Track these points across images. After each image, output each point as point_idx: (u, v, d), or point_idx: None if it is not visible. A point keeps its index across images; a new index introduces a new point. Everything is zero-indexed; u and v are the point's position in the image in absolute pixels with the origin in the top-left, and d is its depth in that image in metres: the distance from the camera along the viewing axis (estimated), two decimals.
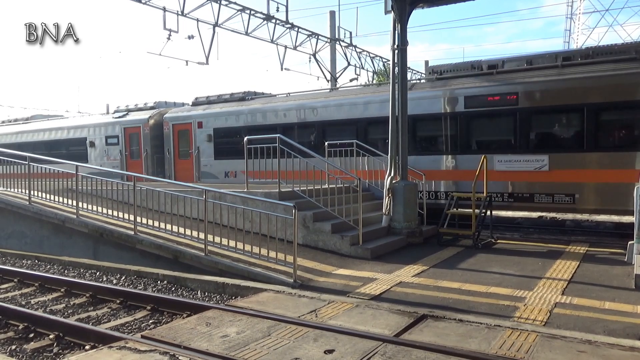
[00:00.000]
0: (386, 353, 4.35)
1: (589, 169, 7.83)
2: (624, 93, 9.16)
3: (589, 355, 4.25)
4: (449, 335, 4.77)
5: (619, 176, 8.01)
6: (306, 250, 8.63)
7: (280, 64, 21.79)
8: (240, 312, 5.62)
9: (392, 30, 9.82)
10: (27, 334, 5.77)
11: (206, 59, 18.19)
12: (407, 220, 9.67)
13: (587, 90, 9.68)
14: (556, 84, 10.22)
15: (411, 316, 5.34)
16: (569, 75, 10.17)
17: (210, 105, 15.67)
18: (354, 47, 24.84)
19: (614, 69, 9.62)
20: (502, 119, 10.87)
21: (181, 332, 5.04)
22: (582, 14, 43.21)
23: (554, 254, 8.49)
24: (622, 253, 8.08)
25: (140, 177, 9.76)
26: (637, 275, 6.40)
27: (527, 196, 10.25)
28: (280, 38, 20.76)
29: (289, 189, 9.27)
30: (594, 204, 9.55)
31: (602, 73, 9.71)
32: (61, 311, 6.70)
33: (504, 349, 4.43)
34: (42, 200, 10.91)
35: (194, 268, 8.12)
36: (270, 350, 4.51)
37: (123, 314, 6.52)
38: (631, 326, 5.04)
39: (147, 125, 16.64)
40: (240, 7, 18.54)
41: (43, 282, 8.10)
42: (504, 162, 10.62)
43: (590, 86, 9.67)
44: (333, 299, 6.09)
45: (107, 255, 9.57)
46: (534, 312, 5.53)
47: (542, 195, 10.02)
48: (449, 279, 7.04)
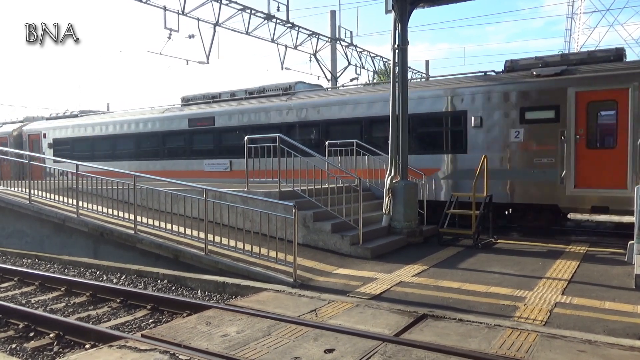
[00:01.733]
0: (386, 352, 4.36)
1: (250, 170, 9.86)
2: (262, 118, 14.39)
3: (589, 355, 4.26)
4: (449, 335, 4.77)
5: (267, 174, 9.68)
6: (306, 250, 8.63)
7: (281, 64, 21.83)
8: (240, 311, 5.62)
9: (392, 30, 9.81)
10: (28, 332, 5.77)
11: (207, 58, 18.23)
12: (407, 219, 9.66)
13: (246, 116, 14.69)
14: (235, 111, 14.90)
15: (411, 316, 5.34)
16: (243, 105, 14.95)
17: (53, 121, 20.52)
18: (354, 46, 24.84)
19: (260, 103, 14.68)
20: (207, 135, 15.44)
21: (181, 331, 5.04)
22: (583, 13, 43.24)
23: (554, 254, 8.49)
24: (622, 253, 8.09)
25: (141, 176, 9.75)
26: (637, 275, 6.40)
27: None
28: (280, 37, 20.80)
29: (289, 188, 9.28)
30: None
31: (255, 106, 14.66)
32: (61, 310, 6.71)
33: (504, 348, 4.43)
34: (42, 199, 10.92)
35: (194, 267, 8.12)
36: (270, 349, 4.51)
37: (123, 313, 6.52)
38: (631, 326, 5.04)
39: (12, 135, 21.14)
40: (241, 7, 18.56)
41: (43, 281, 8.10)
42: (209, 165, 15.04)
43: (249, 113, 14.64)
44: (333, 299, 6.10)
45: (108, 255, 9.58)
46: (534, 311, 5.53)
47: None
48: (449, 278, 7.04)
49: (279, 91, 14.82)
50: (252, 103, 14.88)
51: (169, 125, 16.28)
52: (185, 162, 15.70)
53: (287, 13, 19.89)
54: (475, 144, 10.76)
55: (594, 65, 10.45)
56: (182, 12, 16.83)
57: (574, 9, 43.00)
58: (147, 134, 16.81)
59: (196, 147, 15.72)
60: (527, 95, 10.68)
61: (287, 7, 19.73)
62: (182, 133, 15.95)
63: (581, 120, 10.15)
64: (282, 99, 14.39)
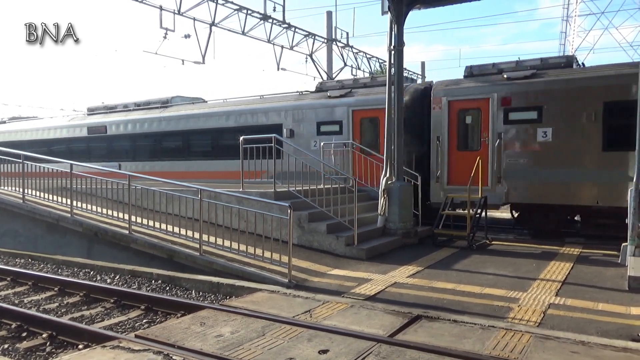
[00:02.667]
0: (380, 353, 4.36)
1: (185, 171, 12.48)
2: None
3: (582, 356, 4.27)
4: (443, 336, 4.78)
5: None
6: (301, 251, 8.62)
7: (277, 64, 21.79)
8: (234, 311, 5.61)
9: (388, 31, 9.83)
10: (20, 332, 5.73)
11: (202, 58, 18.18)
12: (403, 220, 9.68)
13: (131, 125, 17.13)
14: (125, 121, 17.22)
15: (406, 316, 5.35)
16: (132, 116, 17.21)
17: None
18: (350, 47, 24.85)
19: (142, 114, 17.08)
20: (104, 142, 17.82)
21: (175, 331, 5.02)
22: (578, 16, 43.46)
23: (548, 255, 8.53)
24: (616, 255, 8.13)
25: (135, 176, 9.73)
26: (630, 276, 6.44)
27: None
28: (277, 38, 20.78)
29: (285, 188, 9.27)
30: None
31: (138, 117, 17.02)
32: (54, 310, 6.67)
33: (497, 349, 4.45)
34: (36, 198, 10.86)
35: (188, 268, 8.10)
36: (265, 350, 4.50)
37: (117, 313, 6.49)
38: (624, 327, 5.06)
39: None
40: (237, 7, 18.52)
41: (36, 280, 8.05)
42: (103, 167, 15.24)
43: (134, 122, 17.04)
44: (328, 299, 6.09)
45: (101, 255, 9.53)
46: (527, 312, 5.55)
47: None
48: (444, 279, 7.05)
49: (159, 104, 17.25)
50: (136, 114, 17.24)
51: (73, 132, 18.88)
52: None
53: (284, 13, 19.90)
54: (288, 151, 10.31)
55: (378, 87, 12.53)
56: (178, 12, 16.78)
57: (569, 12, 43.27)
58: (57, 140, 19.29)
59: (93, 152, 18.03)
60: (320, 112, 13.33)
61: (284, 7, 19.74)
62: (83, 140, 18.56)
63: (356, 131, 12.86)
64: (158, 110, 16.81)
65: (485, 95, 11.17)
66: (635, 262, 6.92)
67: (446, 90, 11.68)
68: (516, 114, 10.89)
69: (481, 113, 11.25)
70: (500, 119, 10.98)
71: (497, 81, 11.16)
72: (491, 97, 11.07)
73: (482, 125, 11.24)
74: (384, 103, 10.03)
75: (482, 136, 11.16)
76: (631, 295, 6.11)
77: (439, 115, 11.62)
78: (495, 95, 11.01)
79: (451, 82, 11.93)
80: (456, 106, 11.55)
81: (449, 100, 11.57)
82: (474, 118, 11.48)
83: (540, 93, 10.61)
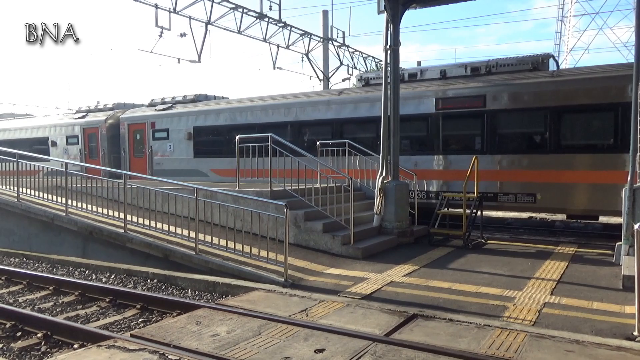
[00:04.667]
0: (376, 352, 4.37)
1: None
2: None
3: (577, 355, 4.30)
4: (439, 335, 4.80)
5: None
6: (297, 250, 8.62)
7: (273, 63, 21.78)
8: (230, 311, 5.60)
9: (384, 31, 9.83)
10: (15, 332, 5.70)
11: (198, 57, 18.12)
12: (398, 220, 9.69)
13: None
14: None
15: (401, 316, 5.36)
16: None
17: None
18: (346, 46, 24.87)
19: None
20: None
21: (171, 331, 5.01)
22: (573, 16, 43.66)
23: (543, 255, 8.56)
24: (610, 254, 8.18)
25: (133, 176, 9.69)
26: (625, 275, 6.47)
27: None
28: (273, 37, 20.75)
29: (281, 188, 9.26)
30: None
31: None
32: (49, 309, 6.64)
33: (493, 348, 4.46)
34: (30, 197, 10.80)
35: (184, 267, 8.08)
36: (261, 349, 4.50)
37: (112, 312, 6.47)
38: (618, 326, 5.09)
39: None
40: (233, 5, 18.49)
41: (31, 280, 8.01)
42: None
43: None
44: (324, 298, 6.10)
45: (97, 254, 9.49)
46: (523, 311, 5.57)
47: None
48: (440, 278, 7.07)
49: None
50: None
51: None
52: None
53: (280, 12, 19.87)
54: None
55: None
56: (173, 11, 16.73)
57: (564, 12, 43.44)
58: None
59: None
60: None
61: (280, 6, 19.70)
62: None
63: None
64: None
65: (143, 120, 17.16)
66: (629, 261, 6.94)
67: (126, 117, 17.66)
68: (158, 133, 16.75)
69: (144, 132, 17.08)
70: (151, 136, 16.80)
71: (150, 111, 17.04)
72: (146, 122, 17.03)
73: (144, 140, 17.01)
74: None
75: (145, 147, 17.00)
76: (625, 294, 6.14)
77: (124, 134, 17.67)
78: (148, 121, 16.99)
79: (132, 111, 17.88)
80: (132, 127, 17.54)
81: (128, 124, 17.58)
82: (141, 135, 17.30)
83: (167, 118, 16.52)
